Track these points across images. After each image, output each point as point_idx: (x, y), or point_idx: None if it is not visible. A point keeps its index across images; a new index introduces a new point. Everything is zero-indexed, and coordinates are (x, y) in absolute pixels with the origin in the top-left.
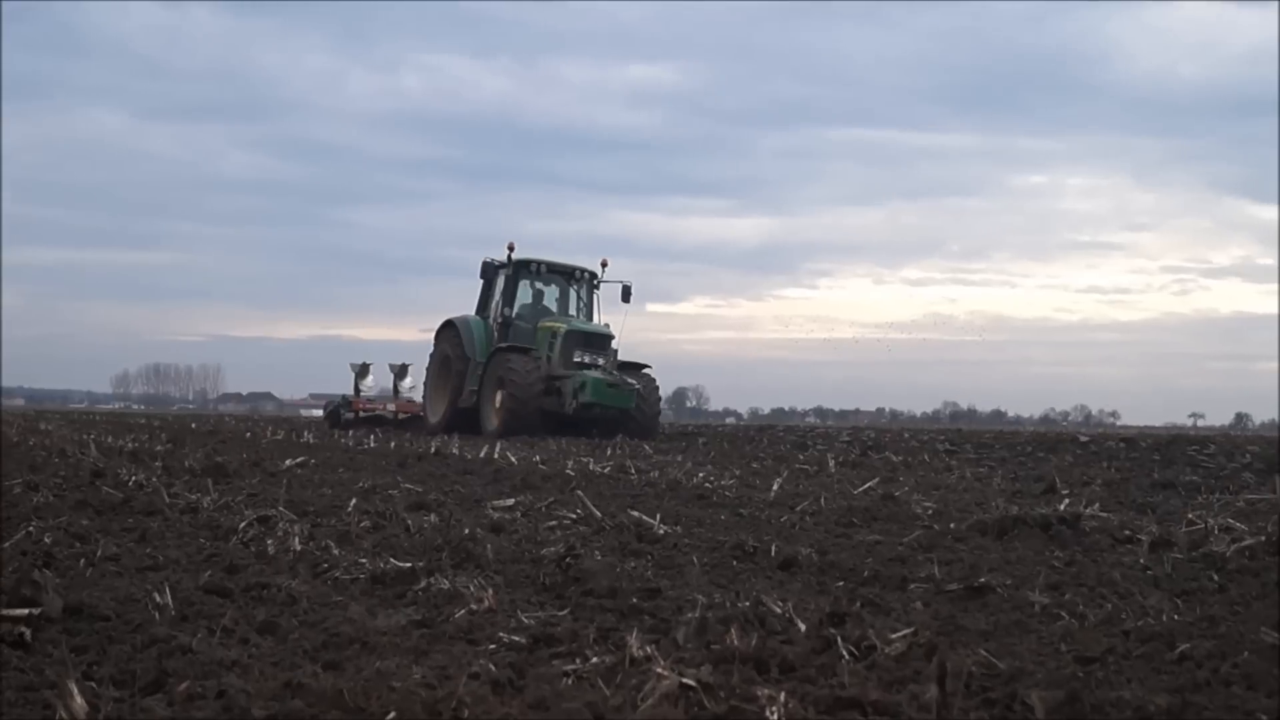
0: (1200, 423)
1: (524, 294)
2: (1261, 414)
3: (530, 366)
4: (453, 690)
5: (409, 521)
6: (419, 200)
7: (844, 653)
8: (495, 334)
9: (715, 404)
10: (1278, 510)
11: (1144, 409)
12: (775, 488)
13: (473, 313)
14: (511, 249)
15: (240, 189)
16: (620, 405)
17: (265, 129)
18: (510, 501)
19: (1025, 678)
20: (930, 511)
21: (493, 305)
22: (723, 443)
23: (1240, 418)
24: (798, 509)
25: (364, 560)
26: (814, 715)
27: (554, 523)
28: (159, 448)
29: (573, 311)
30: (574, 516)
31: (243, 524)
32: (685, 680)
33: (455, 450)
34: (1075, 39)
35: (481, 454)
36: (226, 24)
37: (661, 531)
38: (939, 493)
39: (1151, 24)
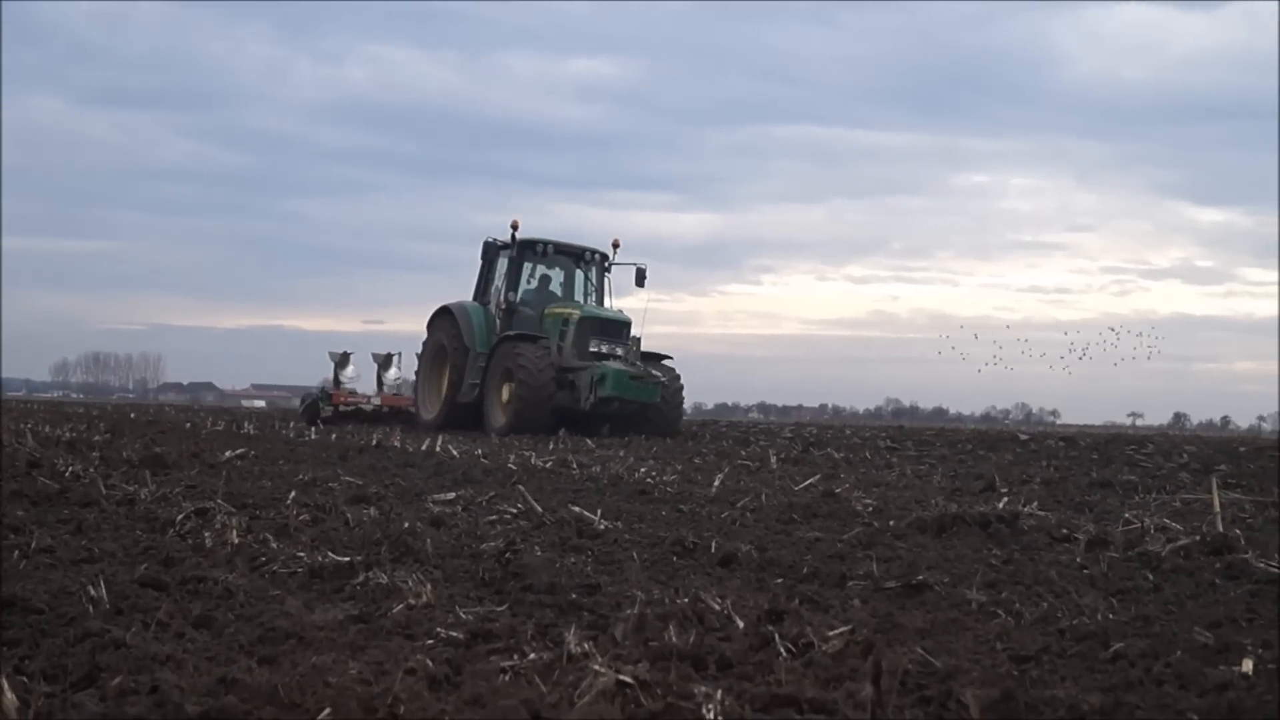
0: (1139, 422)
1: (527, 277)
2: (1199, 414)
3: (541, 356)
4: (389, 686)
5: (348, 515)
6: (363, 191)
7: (781, 650)
8: (498, 321)
9: None
10: (1212, 511)
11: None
12: (716, 484)
13: (470, 298)
14: (515, 227)
15: (182, 178)
16: (644, 399)
17: (208, 117)
18: (451, 495)
19: (961, 676)
20: (870, 509)
21: (493, 290)
22: (665, 438)
23: (1178, 418)
24: (738, 505)
25: (302, 554)
26: (750, 713)
27: (494, 517)
28: (97, 438)
29: (579, 297)
30: (514, 511)
31: (180, 516)
32: (622, 677)
33: (396, 443)
34: (1018, 41)
35: (423, 447)
36: (170, 11)
37: (602, 527)
38: (879, 490)
39: (1093, 27)
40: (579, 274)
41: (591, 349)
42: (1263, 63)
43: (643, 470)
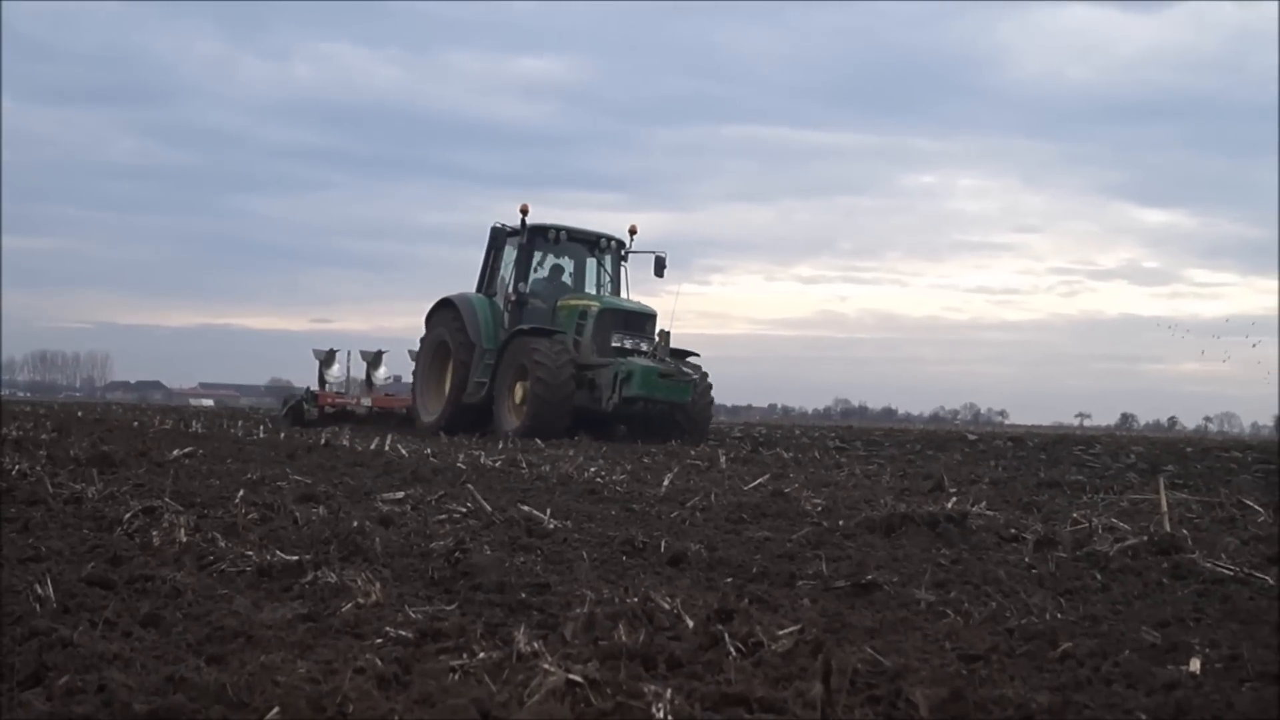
0: (1087, 423)
1: (536, 266)
2: (1146, 415)
3: (559, 353)
4: (337, 685)
5: (297, 514)
6: (311, 189)
7: (731, 649)
8: (505, 315)
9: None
10: (1159, 511)
11: (1032, 408)
12: (666, 483)
13: (474, 290)
14: (525, 212)
15: (128, 175)
16: (675, 399)
17: (154, 114)
18: (400, 494)
19: (910, 675)
20: (820, 508)
21: (500, 280)
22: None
23: (1125, 418)
24: (688, 505)
25: (250, 552)
26: (700, 712)
27: (444, 516)
28: (44, 436)
29: (591, 288)
30: (464, 510)
31: (128, 515)
32: (572, 676)
33: (345, 442)
34: (965, 41)
35: (372, 446)
36: (115, 9)
37: (551, 526)
38: (828, 490)
39: (1040, 27)
40: (592, 263)
41: (613, 344)
42: (1208, 64)
43: (592, 470)
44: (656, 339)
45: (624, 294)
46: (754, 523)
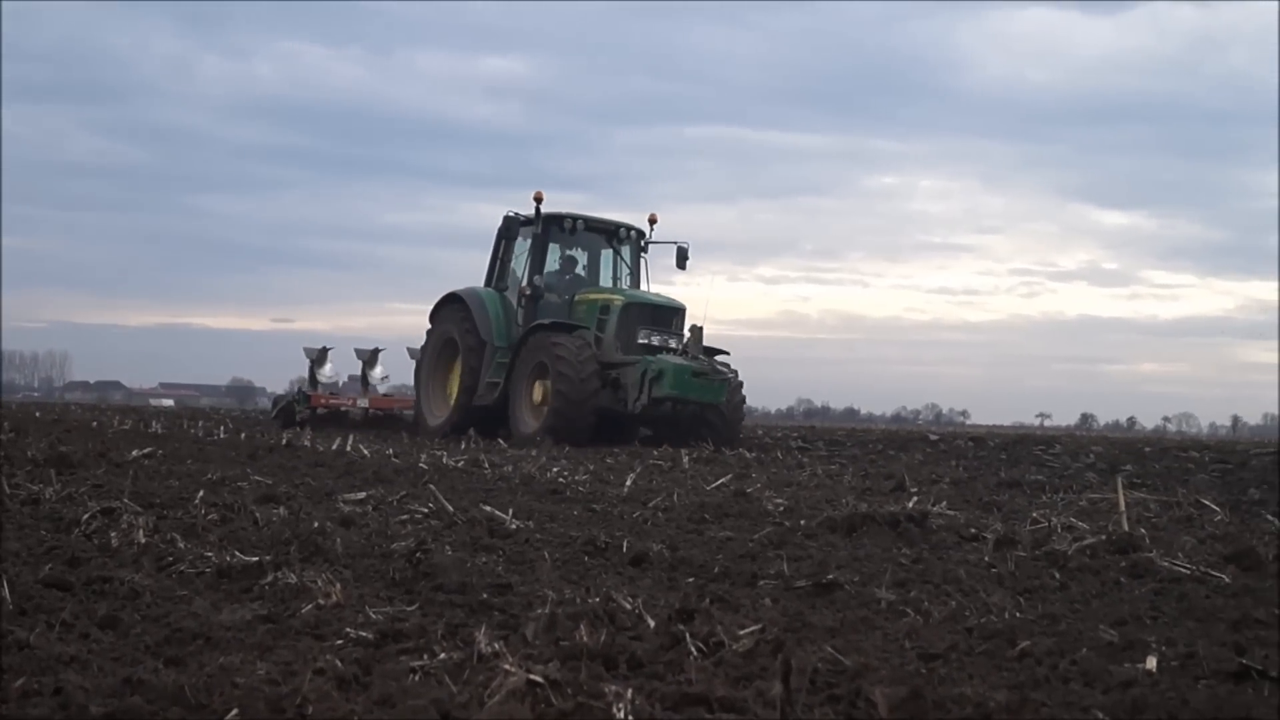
0: (1047, 423)
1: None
2: (1105, 415)
3: (583, 349)
4: (297, 687)
5: (257, 514)
6: (272, 188)
7: (692, 649)
8: (518, 310)
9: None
10: (1118, 510)
11: (993, 408)
12: (628, 483)
13: (482, 284)
14: (539, 199)
15: (86, 173)
16: (709, 400)
17: (113, 112)
18: (361, 495)
19: (870, 674)
20: (781, 508)
21: (510, 273)
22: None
23: (1085, 418)
24: (650, 505)
25: (210, 554)
26: (661, 712)
27: (405, 517)
28: (1, 436)
29: (605, 280)
30: (426, 511)
31: (86, 516)
32: (533, 677)
33: (307, 442)
34: (926, 43)
35: (334, 446)
36: (73, 4)
37: (514, 527)
38: (791, 490)
39: (1000, 30)
40: (608, 254)
41: (640, 340)
42: (1166, 67)
43: (555, 470)
44: (688, 335)
45: (644, 287)
46: (716, 523)
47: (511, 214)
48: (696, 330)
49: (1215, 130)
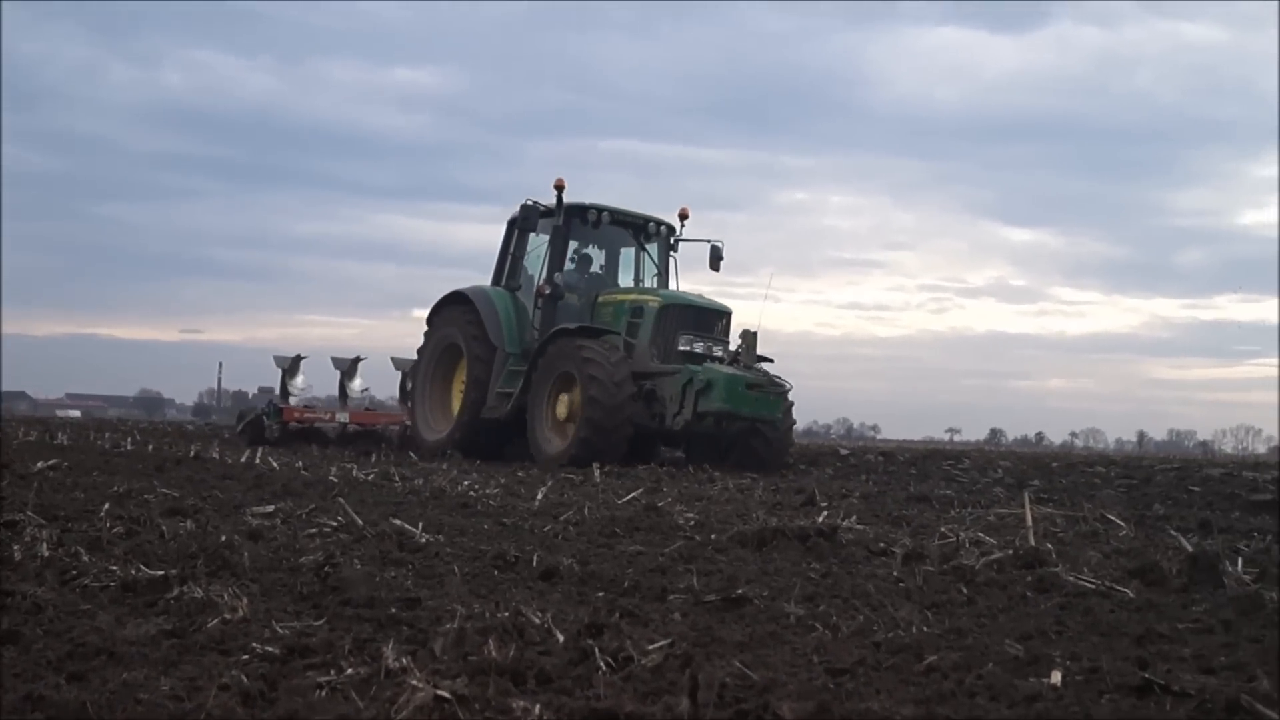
0: (956, 438)
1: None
2: (1014, 430)
3: (617, 357)
4: (202, 703)
5: (164, 527)
6: (181, 198)
7: (601, 664)
8: (537, 311)
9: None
10: (1025, 525)
11: (903, 423)
12: (539, 497)
13: (490, 282)
14: (561, 188)
15: None
16: (764, 415)
17: (19, 119)
18: (270, 508)
19: (777, 689)
20: (692, 523)
21: (524, 270)
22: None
23: (994, 433)
24: (561, 519)
25: (115, 567)
26: None
27: (314, 530)
28: None
29: (625, 281)
30: (335, 524)
31: None
32: (440, 692)
33: (216, 454)
34: (836, 59)
35: (242, 459)
36: None
37: (423, 540)
38: (701, 504)
39: (909, 48)
40: (629, 252)
41: (681, 347)
42: (1071, 86)
43: (466, 484)
44: (739, 341)
45: (672, 288)
46: (627, 537)
47: (530, 203)
48: (750, 335)
49: (1119, 149)
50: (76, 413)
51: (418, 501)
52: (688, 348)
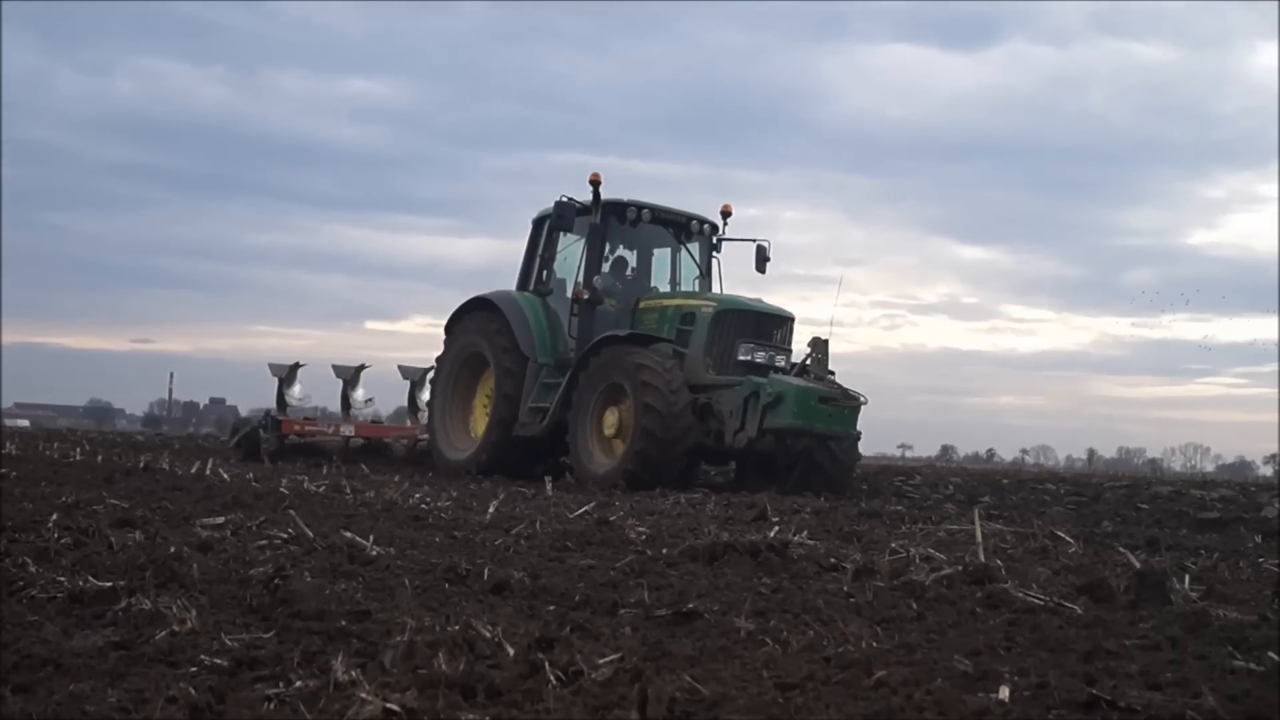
0: (908, 454)
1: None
2: (965, 447)
3: (672, 367)
4: (149, 715)
5: (112, 539)
6: (132, 207)
7: (551, 678)
8: (573, 318)
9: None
10: (975, 541)
11: None
12: (491, 510)
13: (515, 286)
14: (597, 182)
15: None
16: (838, 432)
17: None
18: (220, 520)
19: (727, 703)
20: (644, 537)
21: (554, 272)
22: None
23: (946, 449)
24: (513, 532)
25: (62, 578)
26: None
27: (264, 542)
28: None
29: (659, 283)
30: (285, 536)
31: None
32: (390, 705)
33: (166, 465)
34: (790, 76)
35: (192, 470)
36: None
37: (374, 553)
38: (653, 518)
39: (862, 65)
40: (661, 254)
41: (741, 356)
42: (1022, 103)
43: (417, 496)
44: (807, 349)
45: (716, 289)
46: (578, 550)
47: (565, 199)
48: (821, 344)
49: (1070, 168)
50: (25, 422)
51: (369, 514)
52: (748, 357)
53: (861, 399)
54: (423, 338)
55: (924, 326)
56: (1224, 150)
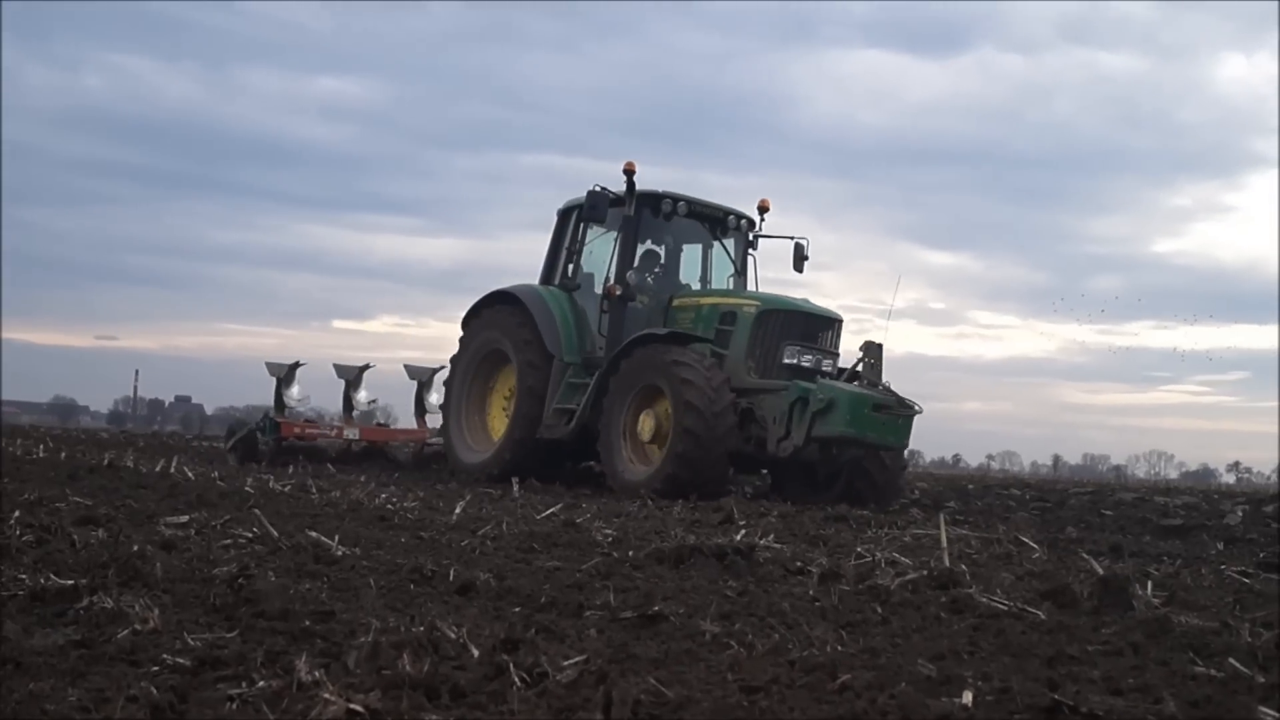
0: None
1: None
2: (932, 452)
3: (711, 363)
4: (110, 714)
5: (75, 536)
6: (100, 203)
7: (516, 680)
8: (603, 315)
9: (405, 423)
10: (940, 546)
11: None
12: (458, 511)
13: (538, 280)
14: (631, 172)
15: None
16: (891, 442)
17: None
18: (184, 518)
19: (691, 706)
20: (610, 539)
21: (579, 266)
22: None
23: (912, 454)
24: (479, 533)
25: (24, 576)
26: None
27: (228, 541)
28: None
29: (690, 280)
30: (250, 535)
31: None
32: (353, 706)
33: (130, 463)
34: (761, 80)
35: (157, 468)
36: None
37: (340, 553)
38: (620, 520)
39: (832, 71)
40: (692, 249)
41: (786, 360)
42: (992, 111)
43: (384, 496)
44: (860, 353)
45: (751, 286)
46: (545, 552)
47: (599, 189)
48: (875, 348)
49: (1037, 176)
50: None
51: (334, 514)
52: (794, 361)
53: (917, 408)
54: (391, 337)
55: (893, 331)
56: (1189, 160)
